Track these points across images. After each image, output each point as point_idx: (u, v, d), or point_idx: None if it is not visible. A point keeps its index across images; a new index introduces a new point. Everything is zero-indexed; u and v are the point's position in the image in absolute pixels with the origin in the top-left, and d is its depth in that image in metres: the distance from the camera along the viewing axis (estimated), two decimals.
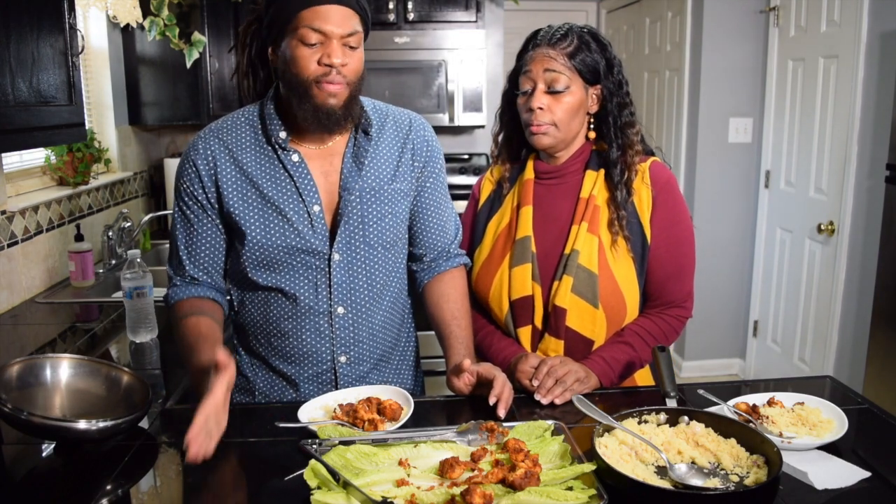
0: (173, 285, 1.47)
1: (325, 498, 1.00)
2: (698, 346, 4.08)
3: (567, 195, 1.54)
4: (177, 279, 1.46)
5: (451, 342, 1.46)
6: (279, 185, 1.40)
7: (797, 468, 1.09)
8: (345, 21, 1.30)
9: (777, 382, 2.02)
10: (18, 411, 1.15)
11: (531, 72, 1.48)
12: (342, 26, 1.30)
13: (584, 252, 1.46)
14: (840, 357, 3.26)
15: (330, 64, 1.30)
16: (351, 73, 1.33)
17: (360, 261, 1.44)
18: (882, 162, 2.83)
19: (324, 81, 1.31)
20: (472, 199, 1.68)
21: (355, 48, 1.33)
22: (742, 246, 3.98)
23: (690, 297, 1.55)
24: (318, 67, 1.31)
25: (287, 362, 1.48)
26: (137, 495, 1.11)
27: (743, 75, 3.80)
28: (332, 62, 1.30)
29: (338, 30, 1.29)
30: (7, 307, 2.25)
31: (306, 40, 1.30)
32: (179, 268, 1.46)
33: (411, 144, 1.49)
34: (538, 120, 1.47)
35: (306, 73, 1.31)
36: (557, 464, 1.11)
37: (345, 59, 1.31)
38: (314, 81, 1.31)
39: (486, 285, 1.55)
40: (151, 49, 3.22)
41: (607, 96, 1.50)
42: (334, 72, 1.30)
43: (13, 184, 2.50)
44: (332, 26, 1.29)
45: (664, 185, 1.50)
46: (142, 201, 3.42)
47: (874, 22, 2.94)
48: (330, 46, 1.30)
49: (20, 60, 1.71)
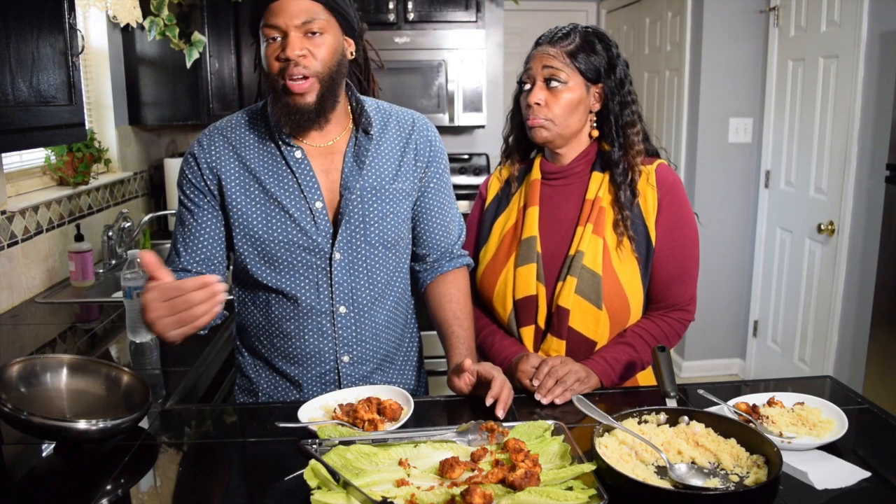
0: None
1: (325, 498, 1.00)
2: (698, 346, 4.08)
3: (573, 196, 1.54)
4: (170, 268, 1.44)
5: (452, 342, 1.46)
6: (282, 181, 1.40)
7: (797, 468, 1.09)
8: (300, 12, 1.29)
9: (777, 382, 2.01)
10: (18, 411, 1.15)
11: (531, 69, 1.50)
12: (297, 17, 1.29)
13: (589, 253, 1.47)
14: (840, 357, 3.26)
15: (286, 57, 1.29)
16: (315, 62, 1.31)
17: (361, 260, 1.44)
18: (882, 162, 2.83)
19: (286, 76, 1.30)
20: (479, 198, 1.69)
21: (319, 34, 1.31)
22: (742, 246, 3.98)
23: (693, 300, 1.55)
24: (278, 63, 1.31)
25: (290, 363, 1.48)
26: (137, 495, 1.11)
27: (743, 75, 3.80)
28: (287, 55, 1.29)
29: (292, 21, 1.29)
30: (7, 307, 2.25)
31: (267, 38, 1.31)
32: (173, 259, 1.45)
33: (414, 144, 1.49)
34: (535, 114, 1.48)
35: (272, 71, 1.32)
36: (557, 464, 1.11)
37: (303, 50, 1.30)
38: (279, 79, 1.31)
39: (491, 284, 1.56)
40: (151, 49, 3.22)
41: (609, 95, 1.50)
42: (292, 64, 1.29)
43: (13, 184, 2.50)
44: (286, 19, 1.29)
45: (670, 188, 1.50)
46: (142, 201, 3.42)
47: (874, 22, 2.94)
48: (287, 39, 1.29)
49: (20, 60, 1.71)
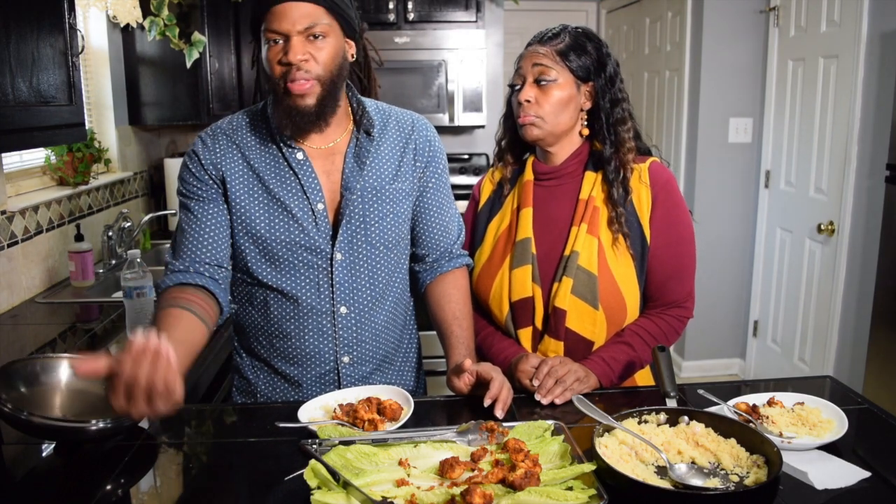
0: (166, 272, 1.42)
1: (325, 498, 1.00)
2: (698, 346, 4.08)
3: (566, 197, 1.54)
4: (170, 266, 1.42)
5: (452, 342, 1.46)
6: (284, 182, 1.40)
7: (797, 468, 1.09)
8: (302, 17, 1.30)
9: (777, 382, 2.02)
10: (18, 411, 1.15)
11: (522, 68, 1.51)
12: (299, 22, 1.29)
13: (584, 253, 1.47)
14: (840, 357, 3.26)
15: (288, 62, 1.30)
16: (318, 66, 1.32)
17: (362, 260, 1.44)
18: (882, 162, 2.83)
19: (288, 80, 1.31)
20: (473, 201, 1.69)
21: (322, 38, 1.32)
22: (742, 246, 3.98)
23: (691, 297, 1.55)
24: (280, 67, 1.31)
25: (290, 364, 1.47)
26: (137, 495, 1.11)
27: (743, 75, 3.80)
28: (289, 59, 1.30)
29: (295, 26, 1.29)
30: (7, 307, 2.25)
31: (269, 41, 1.31)
32: (174, 254, 1.42)
33: (413, 144, 1.49)
34: (525, 112, 1.49)
35: (274, 74, 1.32)
36: (557, 464, 1.11)
37: (305, 55, 1.30)
38: (280, 83, 1.32)
39: (487, 287, 1.56)
40: (151, 49, 3.22)
41: (599, 93, 1.51)
42: (294, 69, 1.30)
43: (13, 184, 2.50)
44: (288, 24, 1.29)
45: (663, 185, 1.50)
46: (142, 201, 3.42)
47: (874, 22, 2.94)
48: (289, 44, 1.30)
49: (20, 60, 1.71)
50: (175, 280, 1.38)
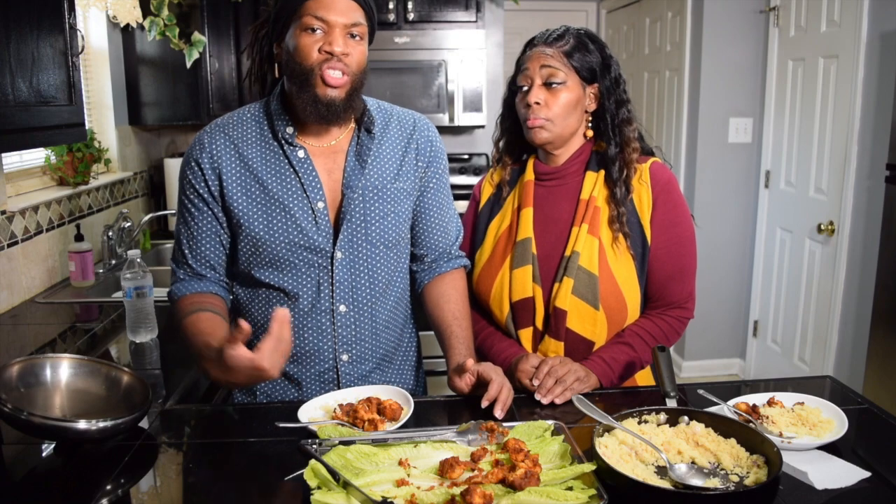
0: (176, 280, 1.47)
1: (325, 498, 1.00)
2: (698, 346, 4.08)
3: (567, 197, 1.54)
4: (180, 273, 1.47)
5: (452, 342, 1.45)
6: (284, 181, 1.40)
7: (797, 468, 1.09)
8: (348, 12, 1.31)
9: (777, 382, 2.02)
10: (18, 411, 1.15)
11: (528, 69, 1.49)
12: (345, 16, 1.31)
13: (585, 254, 1.46)
14: (840, 357, 3.26)
15: (331, 51, 1.31)
16: (353, 63, 1.34)
17: (362, 259, 1.44)
18: (882, 162, 2.83)
19: (325, 68, 1.31)
20: (473, 201, 1.68)
21: (358, 39, 1.34)
22: (742, 246, 3.98)
23: (692, 297, 1.55)
24: (319, 55, 1.32)
25: (289, 362, 1.47)
26: (137, 495, 1.11)
27: (743, 75, 3.80)
28: (333, 49, 1.31)
29: (340, 19, 1.31)
30: (7, 307, 2.25)
31: (309, 28, 1.31)
32: (182, 262, 1.46)
33: (415, 144, 1.49)
34: (535, 114, 1.47)
35: (308, 61, 1.32)
36: (557, 464, 1.11)
37: (346, 49, 1.32)
38: (316, 70, 1.32)
39: (487, 287, 1.55)
40: (151, 49, 3.22)
41: (605, 94, 1.50)
42: (335, 59, 1.31)
43: (13, 184, 2.50)
44: (335, 15, 1.30)
45: (664, 186, 1.50)
46: (142, 201, 3.42)
47: (874, 22, 2.94)
48: (332, 35, 1.31)
49: (20, 60, 1.71)
50: (186, 290, 1.44)
